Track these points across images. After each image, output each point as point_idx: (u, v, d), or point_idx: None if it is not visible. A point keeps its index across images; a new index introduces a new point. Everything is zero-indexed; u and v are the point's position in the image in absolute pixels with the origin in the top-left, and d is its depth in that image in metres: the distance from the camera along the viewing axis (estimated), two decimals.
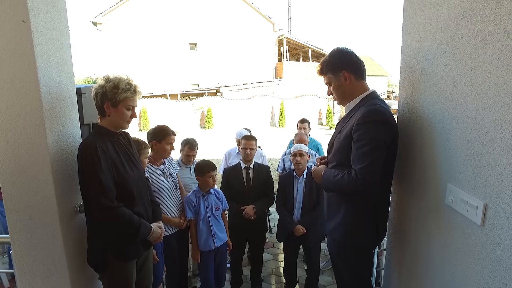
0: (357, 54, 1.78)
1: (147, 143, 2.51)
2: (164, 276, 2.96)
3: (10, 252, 1.79)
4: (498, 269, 1.08)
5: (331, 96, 1.86)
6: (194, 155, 3.28)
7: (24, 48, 1.50)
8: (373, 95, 1.73)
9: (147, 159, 2.50)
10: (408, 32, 1.72)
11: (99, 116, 1.80)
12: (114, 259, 1.74)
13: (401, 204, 1.85)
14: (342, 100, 1.82)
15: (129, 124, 1.81)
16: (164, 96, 18.53)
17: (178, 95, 19.30)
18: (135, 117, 1.81)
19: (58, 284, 1.74)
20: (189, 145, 3.22)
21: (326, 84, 1.85)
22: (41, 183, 1.63)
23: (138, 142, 2.27)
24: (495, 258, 1.09)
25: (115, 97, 1.70)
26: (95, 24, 19.57)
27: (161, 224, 1.98)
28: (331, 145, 1.88)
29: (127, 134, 1.95)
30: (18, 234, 1.67)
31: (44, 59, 1.58)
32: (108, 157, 1.67)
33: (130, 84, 1.75)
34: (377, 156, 1.57)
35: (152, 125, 14.42)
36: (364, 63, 1.80)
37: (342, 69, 1.73)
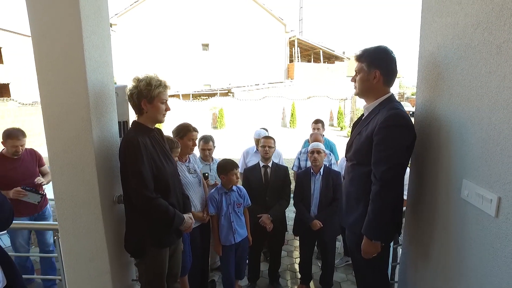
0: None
1: None
2: None
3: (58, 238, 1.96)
4: (510, 256, 1.19)
5: (353, 83, 1.91)
6: (210, 149, 3.42)
7: (75, 52, 1.66)
8: (392, 98, 1.83)
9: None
10: (426, 38, 1.82)
11: (137, 115, 1.96)
12: (151, 246, 1.90)
13: (417, 201, 1.96)
14: (361, 93, 1.91)
15: (165, 117, 1.97)
16: (177, 96, 18.81)
17: (191, 95, 19.57)
18: (169, 109, 1.98)
19: (99, 267, 1.90)
20: (204, 139, 3.39)
21: (355, 70, 1.90)
22: (86, 176, 1.80)
23: (171, 141, 2.42)
24: (508, 246, 1.20)
25: (150, 93, 1.86)
26: (110, 25, 19.96)
27: (191, 215, 2.14)
28: (350, 145, 2.00)
29: (160, 131, 2.11)
30: (65, 221, 1.84)
31: (91, 62, 1.74)
32: (148, 152, 1.82)
33: (160, 80, 1.93)
34: (398, 159, 1.68)
35: (164, 125, 14.67)
36: (397, 73, 1.87)
37: (378, 67, 1.79)
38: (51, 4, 1.63)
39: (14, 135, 3.08)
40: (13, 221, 2.59)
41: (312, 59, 24.86)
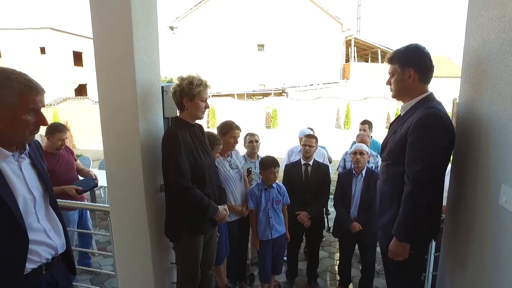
0: (432, 58, 1.76)
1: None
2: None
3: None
4: None
5: (389, 86, 1.88)
6: (257, 140, 3.57)
7: (127, 54, 1.88)
8: (430, 98, 1.76)
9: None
10: (471, 33, 1.71)
11: (179, 111, 2.14)
12: (187, 233, 2.06)
13: (456, 206, 1.84)
14: (397, 95, 1.86)
15: (204, 114, 2.12)
16: (232, 95, 19.39)
17: (245, 94, 20.04)
18: (208, 107, 2.13)
19: (142, 248, 2.11)
20: (250, 134, 3.60)
21: (389, 73, 1.88)
22: (133, 165, 2.01)
23: (214, 137, 2.57)
24: None
25: (191, 92, 2.02)
26: (171, 28, 21.36)
27: (226, 206, 2.27)
28: (384, 144, 1.95)
29: (201, 126, 2.27)
30: (115, 204, 2.08)
31: (140, 63, 1.94)
32: (186, 145, 1.98)
33: (201, 80, 2.07)
34: (433, 160, 1.62)
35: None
36: (434, 69, 1.79)
37: (411, 66, 1.74)
38: (108, 12, 1.87)
39: (61, 128, 3.21)
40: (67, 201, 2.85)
41: (370, 59, 23.87)
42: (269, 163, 2.96)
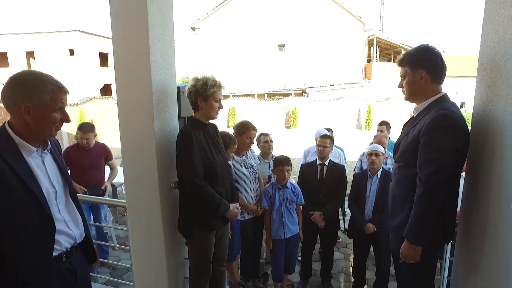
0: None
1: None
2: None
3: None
4: None
5: (401, 88, 1.86)
6: (271, 140, 3.62)
7: (143, 56, 1.95)
8: (444, 99, 1.72)
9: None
10: (487, 32, 1.67)
11: (193, 111, 2.20)
12: (199, 229, 2.11)
13: (470, 210, 1.80)
14: (410, 97, 1.84)
15: (218, 114, 2.18)
16: (252, 95, 19.48)
17: (265, 95, 20.08)
18: (222, 108, 2.18)
19: (156, 243, 2.18)
20: (263, 134, 3.63)
21: (400, 75, 1.85)
22: (148, 162, 2.08)
23: (229, 137, 2.63)
24: None
25: (205, 92, 2.07)
26: (193, 29, 21.71)
27: (237, 205, 2.31)
28: (397, 146, 1.93)
29: (215, 126, 2.32)
30: (132, 200, 2.17)
31: (156, 65, 2.01)
32: (200, 144, 2.04)
33: (215, 81, 2.12)
34: (445, 162, 1.59)
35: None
36: (446, 69, 1.75)
37: (422, 67, 1.72)
38: (126, 16, 1.95)
39: (82, 128, 3.49)
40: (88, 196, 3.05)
41: (393, 59, 23.33)
42: (278, 161, 2.99)
